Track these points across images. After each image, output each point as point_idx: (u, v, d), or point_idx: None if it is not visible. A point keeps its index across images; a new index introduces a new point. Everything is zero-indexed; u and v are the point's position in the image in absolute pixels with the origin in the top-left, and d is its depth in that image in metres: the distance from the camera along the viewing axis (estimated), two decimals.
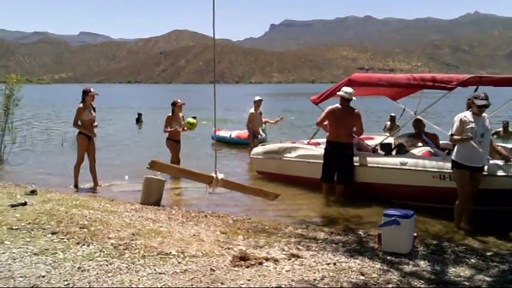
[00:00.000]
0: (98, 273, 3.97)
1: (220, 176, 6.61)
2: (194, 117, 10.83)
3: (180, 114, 10.44)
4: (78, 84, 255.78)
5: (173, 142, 10.33)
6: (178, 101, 10.47)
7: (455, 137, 6.26)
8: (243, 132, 15.55)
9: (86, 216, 5.87)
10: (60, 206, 6.43)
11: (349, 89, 8.17)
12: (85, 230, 5.25)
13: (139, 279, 3.91)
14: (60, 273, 3.96)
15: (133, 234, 5.20)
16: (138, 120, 24.50)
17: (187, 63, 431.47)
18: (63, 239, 4.88)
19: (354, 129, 8.18)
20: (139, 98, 58.96)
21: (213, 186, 6.67)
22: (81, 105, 8.94)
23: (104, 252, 4.53)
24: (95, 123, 9.16)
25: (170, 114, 10.29)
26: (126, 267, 4.15)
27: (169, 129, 10.19)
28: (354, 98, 8.14)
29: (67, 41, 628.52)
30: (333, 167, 8.15)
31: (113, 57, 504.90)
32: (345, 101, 8.14)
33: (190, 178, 7.23)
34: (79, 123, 8.95)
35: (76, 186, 9.09)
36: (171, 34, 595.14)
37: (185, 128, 10.37)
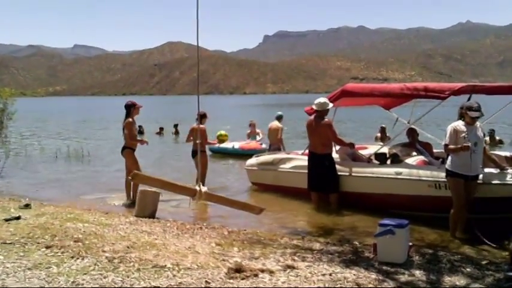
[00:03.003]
0: (92, 287, 3.94)
1: (203, 189, 6.60)
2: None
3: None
4: (73, 97, 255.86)
5: (131, 151, 9.00)
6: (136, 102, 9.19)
7: (451, 146, 6.26)
8: (247, 143, 15.49)
9: (80, 230, 5.84)
10: (54, 219, 6.40)
11: (320, 100, 8.26)
12: (79, 243, 5.21)
13: None
14: (54, 287, 3.92)
15: (128, 247, 5.16)
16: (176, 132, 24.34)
17: (182, 74, 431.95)
18: (57, 253, 4.84)
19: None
20: (145, 110, 59.15)
21: (197, 200, 6.65)
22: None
23: (98, 265, 4.49)
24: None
25: (130, 119, 8.90)
26: (121, 280, 4.11)
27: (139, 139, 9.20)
28: (328, 107, 8.21)
29: (61, 54, 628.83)
30: (314, 177, 8.22)
31: (108, 70, 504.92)
32: (317, 111, 8.21)
33: (174, 191, 7.18)
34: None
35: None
36: (165, 46, 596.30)
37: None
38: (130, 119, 8.82)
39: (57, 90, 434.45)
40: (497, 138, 13.78)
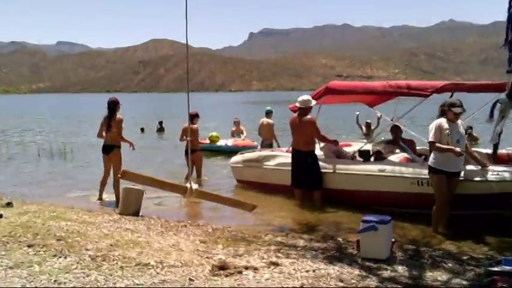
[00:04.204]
0: (74, 286, 3.91)
1: (194, 186, 6.59)
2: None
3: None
4: (57, 94, 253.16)
5: (120, 149, 8.87)
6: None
7: (439, 145, 6.30)
8: (241, 140, 15.48)
9: (63, 228, 5.79)
10: (36, 218, 6.34)
11: (303, 97, 8.30)
12: (62, 242, 5.17)
13: None
14: (35, 286, 3.89)
15: (111, 245, 5.14)
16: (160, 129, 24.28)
17: (167, 72, 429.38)
18: (39, 251, 4.80)
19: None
20: (131, 108, 58.65)
21: (188, 197, 6.64)
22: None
23: (81, 264, 4.46)
24: None
25: (121, 116, 8.81)
26: (104, 279, 4.09)
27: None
28: (311, 104, 8.25)
29: (44, 50, 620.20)
30: (297, 174, 8.24)
31: (91, 67, 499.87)
32: (300, 109, 8.25)
33: (164, 189, 7.17)
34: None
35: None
36: (150, 43, 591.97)
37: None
38: (121, 116, 8.73)
39: (40, 87, 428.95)
40: (474, 134, 13.92)
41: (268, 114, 12.88)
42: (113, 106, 8.70)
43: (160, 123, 24.48)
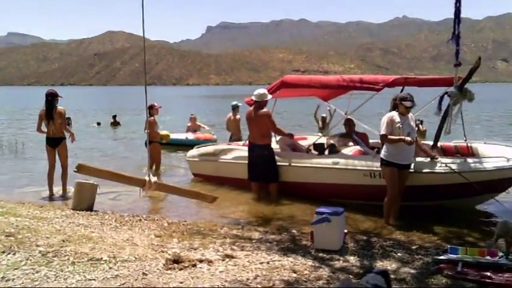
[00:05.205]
0: (23, 283, 3.83)
1: (153, 179, 6.54)
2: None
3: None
4: (8, 87, 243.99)
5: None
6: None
7: (390, 137, 6.46)
8: (202, 134, 15.48)
9: (12, 224, 5.65)
10: None
11: (259, 91, 8.37)
12: (11, 238, 5.03)
13: (67, 286, 3.80)
14: None
15: (63, 241, 5.04)
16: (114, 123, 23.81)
17: (123, 65, 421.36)
18: None
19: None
20: (84, 101, 57.25)
21: (147, 190, 6.58)
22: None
23: (30, 260, 4.35)
24: None
25: (63, 108, 8.71)
26: (54, 274, 4.01)
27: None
28: (266, 98, 8.31)
29: None
30: (254, 167, 8.31)
31: (44, 59, 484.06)
32: (256, 102, 8.31)
33: (122, 182, 7.09)
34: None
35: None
36: (106, 35, 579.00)
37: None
38: (63, 108, 8.61)
39: None
40: (423, 128, 14.33)
41: (235, 109, 12.86)
42: (51, 99, 8.54)
43: (114, 117, 24.11)
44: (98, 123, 23.74)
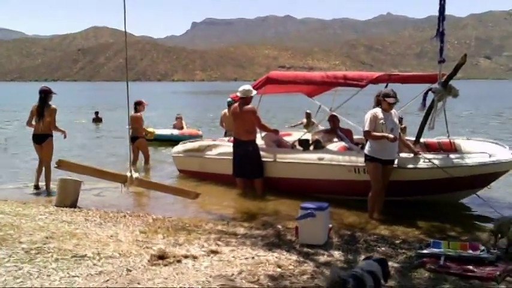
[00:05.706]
0: (5, 280, 3.79)
1: (135, 175, 6.50)
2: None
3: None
4: None
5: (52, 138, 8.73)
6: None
7: (374, 133, 6.51)
8: (187, 129, 15.53)
9: None
10: None
11: (244, 87, 8.37)
12: None
13: (50, 283, 3.78)
14: None
15: (46, 238, 5.00)
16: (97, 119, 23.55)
17: (107, 60, 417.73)
18: None
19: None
20: (69, 97, 56.63)
21: (128, 186, 6.53)
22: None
23: (13, 257, 4.31)
24: None
25: (54, 106, 8.61)
26: (37, 271, 3.98)
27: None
28: (251, 94, 8.30)
29: None
30: (239, 163, 8.32)
31: (27, 54, 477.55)
32: (241, 98, 8.32)
33: (104, 178, 7.03)
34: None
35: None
36: (90, 31, 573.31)
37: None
38: (55, 106, 8.53)
39: None
40: (403, 125, 14.41)
41: (230, 105, 12.86)
42: (45, 96, 8.48)
43: (96, 113, 23.92)
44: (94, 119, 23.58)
